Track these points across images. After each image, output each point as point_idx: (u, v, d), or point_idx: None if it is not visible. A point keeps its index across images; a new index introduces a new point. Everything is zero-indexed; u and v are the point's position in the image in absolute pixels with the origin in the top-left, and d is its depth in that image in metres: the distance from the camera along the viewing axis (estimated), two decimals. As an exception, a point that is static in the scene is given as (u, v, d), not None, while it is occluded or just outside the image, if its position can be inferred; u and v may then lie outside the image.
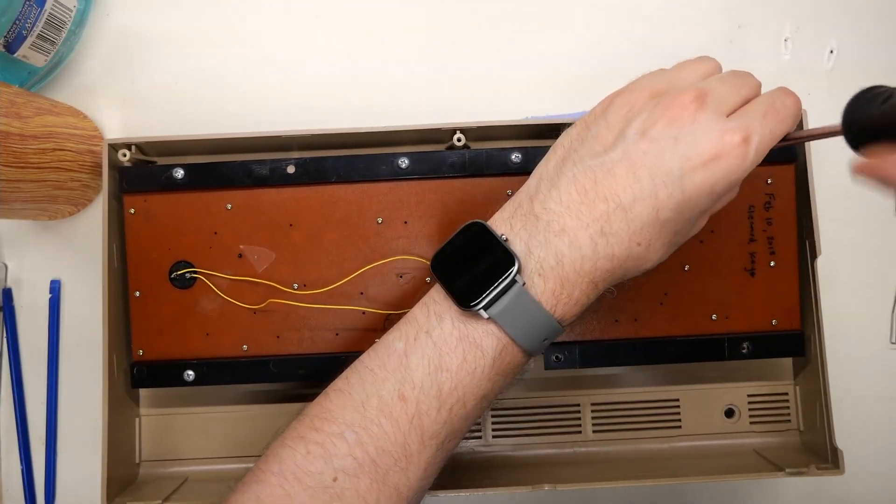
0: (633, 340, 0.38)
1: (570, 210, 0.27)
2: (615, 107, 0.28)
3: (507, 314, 0.27)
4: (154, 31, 0.44)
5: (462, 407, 0.28)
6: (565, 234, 0.27)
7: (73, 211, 0.43)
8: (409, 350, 0.28)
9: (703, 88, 0.27)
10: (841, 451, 0.36)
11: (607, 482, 0.37)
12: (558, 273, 0.27)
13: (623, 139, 0.27)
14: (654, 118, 0.27)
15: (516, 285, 0.27)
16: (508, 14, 0.44)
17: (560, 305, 0.28)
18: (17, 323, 0.43)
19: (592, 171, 0.27)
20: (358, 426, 0.27)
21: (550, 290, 0.27)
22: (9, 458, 0.42)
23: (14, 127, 0.35)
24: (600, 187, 0.27)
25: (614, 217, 0.27)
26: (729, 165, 0.26)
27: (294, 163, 0.38)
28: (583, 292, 0.28)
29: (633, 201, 0.27)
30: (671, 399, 0.41)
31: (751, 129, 0.26)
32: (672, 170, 0.26)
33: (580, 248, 0.27)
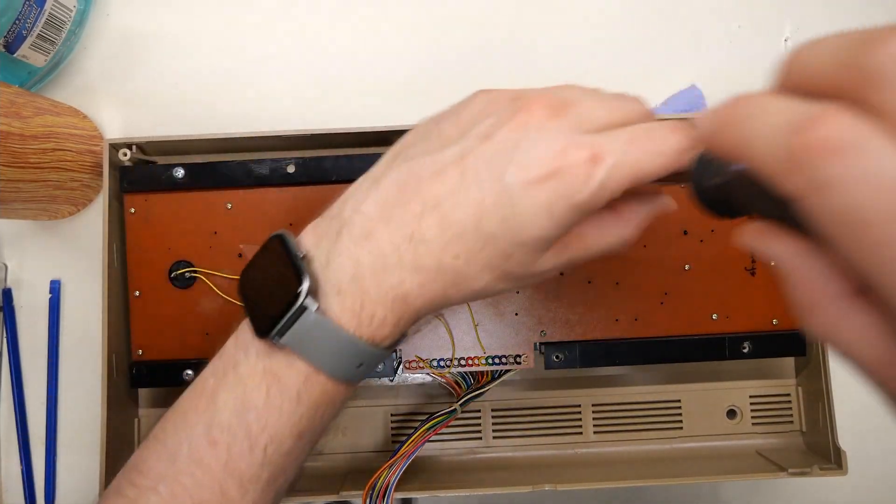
0: (634, 340, 0.37)
1: (383, 211, 0.24)
2: (472, 103, 0.25)
3: (304, 342, 0.24)
4: (154, 31, 0.44)
5: (278, 447, 0.25)
6: (369, 241, 0.24)
7: (73, 211, 0.43)
8: (219, 387, 0.25)
9: (568, 98, 0.24)
10: (844, 451, 0.36)
11: (608, 482, 0.36)
12: (357, 288, 0.24)
13: (465, 138, 0.24)
14: (503, 121, 0.23)
15: (308, 310, 0.24)
16: (509, 14, 0.44)
17: (364, 326, 0.24)
18: (17, 323, 0.43)
19: (420, 169, 0.24)
20: (170, 478, 0.25)
21: (350, 308, 0.24)
22: (9, 458, 0.42)
23: (14, 127, 0.35)
24: (422, 187, 0.23)
25: (428, 220, 0.23)
26: (569, 185, 0.22)
27: (294, 162, 0.37)
28: (390, 310, 0.24)
29: (454, 206, 0.23)
30: (672, 399, 0.40)
31: (605, 149, 0.22)
32: (503, 176, 0.22)
33: (383, 256, 0.24)
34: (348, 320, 0.24)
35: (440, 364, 0.37)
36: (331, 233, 0.25)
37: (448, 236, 0.23)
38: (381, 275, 0.24)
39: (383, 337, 0.25)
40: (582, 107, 0.23)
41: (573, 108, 0.23)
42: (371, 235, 0.24)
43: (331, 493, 0.36)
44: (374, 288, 0.24)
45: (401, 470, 0.35)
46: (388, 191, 0.24)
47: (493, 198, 0.23)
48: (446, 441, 0.40)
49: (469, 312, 0.37)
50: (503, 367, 0.37)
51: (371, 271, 0.24)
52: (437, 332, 0.37)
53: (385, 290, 0.24)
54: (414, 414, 0.40)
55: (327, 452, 0.40)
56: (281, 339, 0.24)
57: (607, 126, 0.23)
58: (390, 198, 0.24)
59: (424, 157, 0.24)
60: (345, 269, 0.24)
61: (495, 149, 0.23)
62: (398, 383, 0.41)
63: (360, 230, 0.24)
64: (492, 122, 0.24)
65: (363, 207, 0.24)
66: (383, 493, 0.34)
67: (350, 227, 0.24)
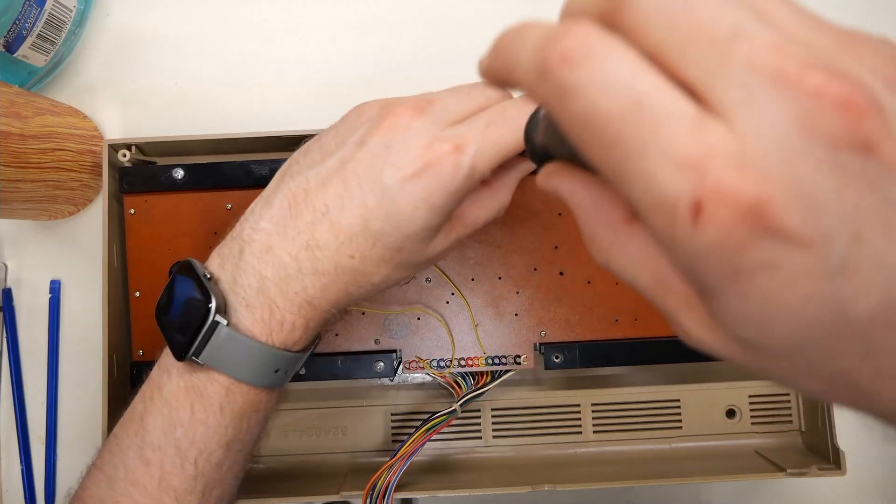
0: (634, 340, 0.37)
1: (278, 226, 0.26)
2: (348, 118, 0.28)
3: (220, 356, 0.26)
4: (154, 31, 0.44)
5: (208, 459, 0.27)
6: (269, 255, 0.26)
7: (73, 211, 0.43)
8: (147, 411, 0.27)
9: (428, 98, 0.26)
10: (843, 451, 0.36)
11: (608, 482, 0.36)
12: (264, 299, 0.26)
13: (343, 148, 0.26)
14: (374, 126, 0.26)
15: (220, 325, 0.25)
16: (509, 13, 0.44)
17: (275, 333, 0.26)
18: (17, 323, 0.43)
19: (307, 182, 0.26)
20: (109, 501, 0.26)
21: (260, 319, 0.26)
22: (9, 458, 0.42)
23: (14, 127, 0.35)
24: (311, 198, 0.26)
25: (320, 227, 0.25)
26: (441, 175, 0.24)
27: (294, 163, 0.38)
28: (298, 315, 0.26)
29: (341, 210, 0.25)
30: (672, 399, 0.40)
31: (466, 138, 0.24)
32: (381, 178, 0.25)
33: (284, 267, 0.26)
34: (259, 330, 0.26)
35: (440, 364, 0.37)
36: (234, 253, 0.27)
37: (341, 239, 0.25)
38: (285, 283, 0.26)
39: (295, 341, 0.27)
40: (442, 102, 0.26)
41: (434, 106, 0.26)
42: (270, 249, 0.26)
43: (331, 493, 0.36)
44: (280, 297, 0.26)
45: (401, 470, 0.35)
46: (281, 206, 0.26)
47: (375, 199, 0.25)
48: (446, 441, 0.40)
49: (469, 313, 0.37)
50: (503, 367, 0.37)
51: (275, 282, 0.26)
52: (437, 332, 0.37)
53: (290, 297, 0.26)
54: (414, 414, 0.40)
55: (327, 452, 0.40)
56: (198, 357, 0.26)
57: (468, 115, 0.26)
58: (283, 212, 0.26)
59: (309, 171, 0.26)
60: (251, 284, 0.26)
61: (370, 153, 0.25)
62: (398, 383, 0.41)
63: (259, 246, 0.26)
64: (364, 129, 0.26)
65: (260, 225, 0.26)
66: (383, 494, 0.34)
67: (251, 245, 0.26)
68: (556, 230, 0.38)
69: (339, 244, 0.25)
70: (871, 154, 0.12)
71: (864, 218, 0.12)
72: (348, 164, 0.26)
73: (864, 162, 0.12)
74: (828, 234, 0.12)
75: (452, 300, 0.37)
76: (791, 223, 0.12)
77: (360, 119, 0.27)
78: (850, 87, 0.12)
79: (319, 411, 0.40)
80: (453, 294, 0.37)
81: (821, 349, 0.14)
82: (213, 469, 0.27)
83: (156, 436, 0.27)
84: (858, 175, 0.12)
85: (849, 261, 0.12)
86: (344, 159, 0.26)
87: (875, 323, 0.13)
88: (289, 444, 0.40)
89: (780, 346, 0.14)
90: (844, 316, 0.13)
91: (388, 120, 0.25)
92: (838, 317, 0.13)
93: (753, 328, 0.14)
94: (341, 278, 0.26)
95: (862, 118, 0.12)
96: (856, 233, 0.12)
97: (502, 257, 0.37)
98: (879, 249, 0.12)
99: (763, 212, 0.12)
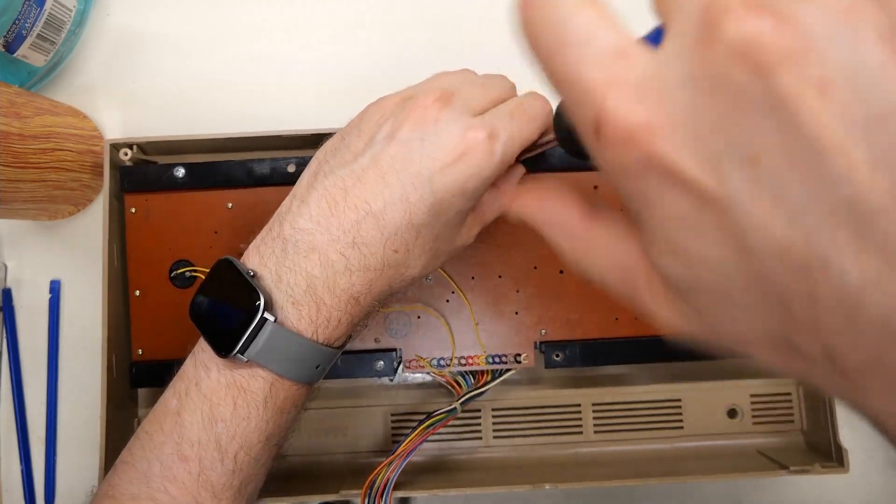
0: (634, 339, 0.37)
1: (321, 225, 0.26)
2: (368, 114, 0.28)
3: (266, 353, 0.26)
4: (154, 31, 0.44)
5: (247, 453, 0.27)
6: (315, 253, 0.26)
7: (73, 211, 0.43)
8: (183, 407, 0.27)
9: (449, 90, 0.27)
10: (846, 449, 0.36)
11: (608, 482, 0.36)
12: (312, 297, 0.26)
13: (372, 145, 0.27)
14: (401, 121, 0.26)
15: (268, 322, 0.25)
16: (507, 12, 0.44)
17: (321, 329, 0.26)
18: (17, 323, 0.43)
19: (342, 181, 0.26)
20: (144, 498, 0.26)
21: (307, 316, 0.26)
22: (9, 458, 0.42)
23: (14, 127, 0.35)
24: (350, 196, 0.26)
25: (365, 225, 0.26)
26: (476, 162, 0.25)
27: (295, 161, 0.37)
28: (344, 312, 0.27)
29: (384, 207, 0.26)
30: (673, 399, 0.40)
31: (496, 126, 0.26)
32: (420, 171, 0.25)
33: (331, 265, 0.26)
34: (306, 327, 0.26)
35: (440, 363, 0.37)
36: (276, 252, 0.27)
37: (386, 235, 0.26)
38: (333, 281, 0.26)
39: (338, 337, 0.27)
40: (463, 93, 0.27)
41: (455, 97, 0.27)
42: (315, 248, 0.26)
43: (331, 493, 0.36)
44: (328, 294, 0.26)
45: (399, 468, 0.35)
46: (319, 206, 0.26)
47: (417, 192, 0.25)
48: (446, 440, 0.40)
49: (469, 311, 0.37)
50: (503, 366, 0.37)
51: (323, 280, 0.26)
52: (437, 331, 0.37)
53: (338, 294, 0.26)
54: (414, 413, 0.40)
55: (327, 452, 0.40)
56: (244, 354, 0.26)
57: (488, 104, 0.27)
58: (324, 211, 0.26)
59: (342, 169, 0.27)
60: (298, 283, 0.26)
61: (404, 147, 0.26)
62: (398, 383, 0.41)
63: (304, 245, 0.26)
64: (391, 124, 0.27)
65: (300, 224, 0.26)
66: (382, 491, 0.34)
67: (294, 245, 0.26)
68: (556, 229, 0.37)
69: (385, 240, 0.26)
70: (766, 79, 0.12)
71: (761, 144, 0.12)
72: (382, 159, 0.26)
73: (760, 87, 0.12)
74: (715, 161, 0.12)
75: (453, 299, 0.37)
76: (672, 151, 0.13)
77: (383, 114, 0.27)
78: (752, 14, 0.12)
79: (320, 411, 0.40)
80: (453, 293, 0.37)
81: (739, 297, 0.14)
82: (251, 464, 0.27)
83: (194, 431, 0.26)
84: (753, 100, 0.12)
85: (744, 188, 0.12)
86: (376, 155, 0.26)
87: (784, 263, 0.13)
88: (289, 443, 0.40)
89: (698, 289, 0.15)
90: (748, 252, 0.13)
91: (415, 113, 0.26)
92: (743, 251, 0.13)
93: (668, 261, 0.15)
94: (386, 273, 0.27)
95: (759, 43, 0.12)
96: (751, 158, 0.12)
97: (502, 256, 0.37)
98: (781, 178, 0.12)
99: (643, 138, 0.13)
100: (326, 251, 0.26)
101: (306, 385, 0.28)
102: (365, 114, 0.28)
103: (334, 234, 0.26)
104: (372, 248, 0.26)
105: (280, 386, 0.27)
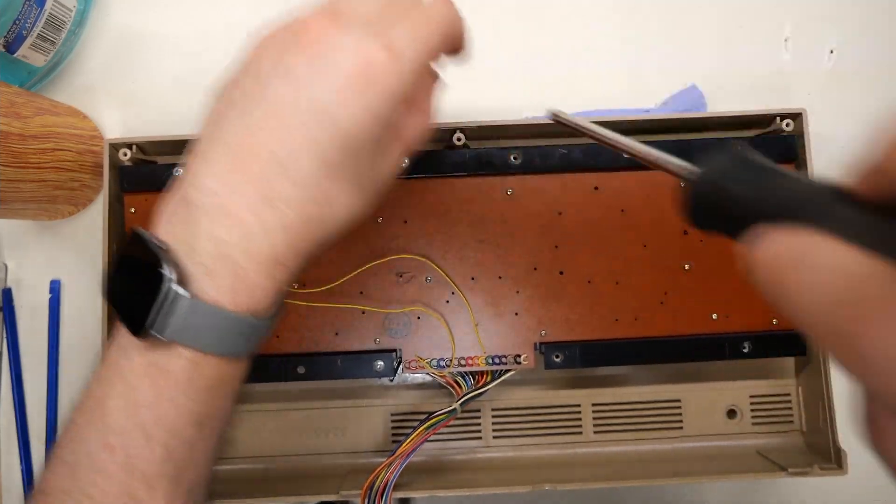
0: (634, 340, 0.37)
1: (226, 184, 0.23)
2: (257, 51, 0.25)
3: (183, 329, 0.23)
4: (154, 31, 0.44)
5: (177, 437, 0.24)
6: (224, 217, 0.23)
7: (73, 211, 0.43)
8: (106, 394, 0.25)
9: (335, 5, 0.24)
10: (845, 451, 0.36)
11: (608, 482, 0.36)
12: (228, 266, 0.23)
13: (267, 86, 0.24)
14: (292, 51, 0.23)
15: (181, 297, 0.23)
16: (508, 13, 0.44)
17: (242, 299, 0.24)
18: (17, 323, 0.43)
19: (243, 132, 0.24)
20: (75, 492, 0.24)
21: (226, 286, 0.23)
22: (9, 458, 0.42)
23: (14, 127, 0.35)
24: (253, 147, 0.23)
25: (274, 177, 0.23)
26: (379, 82, 0.23)
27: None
28: (267, 277, 0.24)
29: (291, 153, 0.23)
30: (672, 399, 0.40)
31: (395, 37, 0.23)
32: (321, 106, 0.23)
33: (245, 228, 0.23)
34: (224, 298, 0.24)
35: (440, 364, 0.37)
36: (183, 218, 0.24)
37: (300, 185, 0.23)
38: (249, 244, 0.23)
39: (264, 305, 0.25)
40: (351, 7, 0.24)
41: (345, 12, 0.24)
42: (225, 210, 0.23)
43: (331, 493, 0.36)
44: (246, 260, 0.23)
45: (399, 469, 0.35)
46: (222, 162, 0.24)
47: (321, 129, 0.23)
48: (446, 441, 0.40)
49: (469, 312, 0.37)
50: (503, 366, 0.37)
51: (237, 246, 0.23)
52: (437, 331, 0.37)
53: (256, 257, 0.24)
54: (414, 414, 0.40)
55: (327, 452, 0.40)
56: (160, 333, 0.23)
57: (381, 16, 0.24)
58: (227, 167, 0.24)
59: (241, 119, 0.24)
60: (210, 252, 0.23)
61: (299, 81, 0.23)
62: (398, 383, 0.41)
63: (212, 208, 0.23)
64: (283, 59, 0.24)
65: (205, 184, 0.24)
66: (382, 492, 0.34)
67: (202, 209, 0.24)
68: (556, 229, 0.38)
69: (300, 191, 0.23)
70: None
71: None
72: (279, 100, 0.23)
73: None
74: None
75: (452, 299, 0.37)
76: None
77: (272, 49, 0.24)
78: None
79: (319, 411, 0.40)
80: (453, 293, 0.37)
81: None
82: (184, 450, 0.25)
83: (118, 419, 0.24)
84: None
85: None
86: (273, 97, 0.23)
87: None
88: (289, 444, 0.40)
89: None
90: None
91: (304, 38, 0.23)
92: None
93: None
94: (310, 228, 0.24)
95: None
96: None
97: (502, 256, 0.37)
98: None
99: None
100: (237, 212, 0.23)
101: (235, 360, 0.25)
102: (253, 52, 0.25)
103: (242, 192, 0.23)
104: (287, 203, 0.23)
105: (206, 364, 0.24)
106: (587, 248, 0.37)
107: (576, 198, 0.38)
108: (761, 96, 0.43)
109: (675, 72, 0.43)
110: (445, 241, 0.38)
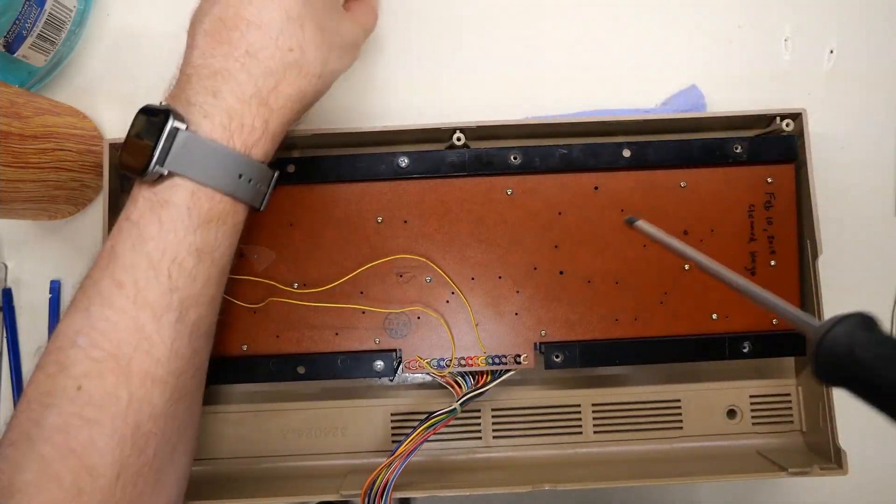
0: (634, 340, 0.37)
1: (214, 53, 0.28)
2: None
3: (182, 161, 0.27)
4: (154, 31, 0.44)
5: (180, 267, 0.28)
6: (216, 74, 0.28)
7: (73, 211, 0.43)
8: (116, 241, 0.28)
9: None
10: (844, 451, 0.36)
11: (608, 482, 0.36)
12: (221, 107, 0.28)
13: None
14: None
15: (180, 132, 0.27)
16: (507, 13, 0.44)
17: (236, 135, 0.28)
18: (17, 323, 0.43)
19: (218, 14, 0.29)
20: (86, 328, 0.27)
21: (220, 124, 0.28)
22: (8, 459, 0.42)
23: (14, 127, 0.35)
24: (228, 22, 0.29)
25: (250, 34, 0.28)
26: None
27: (294, 162, 0.38)
28: (257, 115, 0.29)
29: (259, 12, 0.28)
30: (672, 399, 0.40)
31: None
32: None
33: (233, 76, 0.28)
34: (220, 134, 0.28)
35: (440, 364, 0.37)
36: (182, 87, 0.29)
37: (273, 35, 0.29)
38: (238, 89, 0.28)
39: (255, 143, 0.29)
40: None
41: None
42: (215, 70, 0.28)
43: (330, 493, 0.36)
44: (236, 101, 0.28)
45: (399, 469, 0.35)
46: (206, 41, 0.29)
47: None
48: (446, 441, 0.40)
49: (469, 312, 0.37)
50: (503, 366, 0.37)
51: (228, 90, 0.28)
52: (437, 331, 0.37)
53: (246, 99, 0.28)
54: (414, 413, 0.40)
55: (327, 452, 0.40)
56: (162, 165, 0.27)
57: None
58: (212, 42, 0.29)
59: (214, 7, 0.29)
60: (206, 100, 0.28)
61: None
62: (398, 383, 0.41)
63: (206, 71, 0.28)
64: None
65: (195, 61, 0.29)
66: (382, 492, 0.34)
67: (196, 74, 0.29)
68: (555, 229, 0.38)
69: (274, 41, 0.29)
70: None
71: None
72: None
73: None
74: None
75: (452, 299, 0.37)
76: None
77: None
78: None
79: (319, 411, 0.40)
80: (453, 293, 0.37)
81: None
82: (186, 281, 0.28)
83: (127, 258, 0.27)
84: None
85: None
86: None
87: None
88: (288, 444, 0.40)
89: None
90: None
91: None
92: None
93: None
94: (289, 75, 0.29)
95: None
96: None
97: (502, 256, 0.37)
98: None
99: None
100: (225, 66, 0.28)
101: (232, 199, 0.29)
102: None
103: (226, 53, 0.28)
104: (266, 52, 0.28)
105: (202, 194, 0.28)
106: (587, 248, 0.38)
107: (576, 198, 0.38)
108: (761, 96, 0.43)
109: (675, 72, 0.43)
110: (445, 241, 0.38)
